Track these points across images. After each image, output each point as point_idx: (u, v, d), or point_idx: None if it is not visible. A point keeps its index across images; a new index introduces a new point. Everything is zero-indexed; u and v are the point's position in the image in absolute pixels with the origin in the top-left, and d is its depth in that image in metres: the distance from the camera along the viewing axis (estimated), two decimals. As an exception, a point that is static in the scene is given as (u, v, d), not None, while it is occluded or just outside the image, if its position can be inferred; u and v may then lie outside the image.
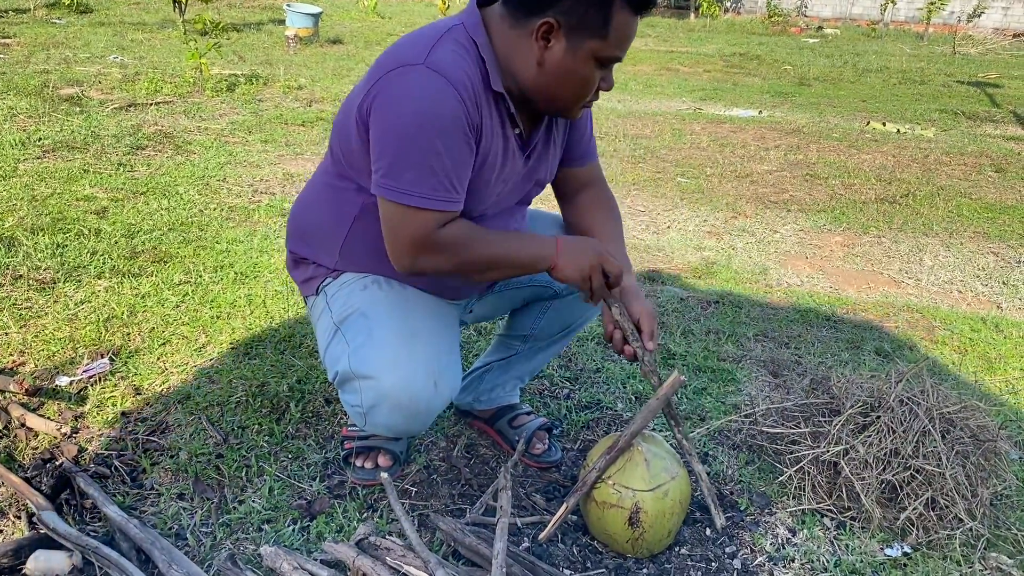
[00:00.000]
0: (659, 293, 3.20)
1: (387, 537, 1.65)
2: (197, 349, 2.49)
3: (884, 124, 7.67)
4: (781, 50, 15.77)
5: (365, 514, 1.82)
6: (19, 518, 1.79)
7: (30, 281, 2.86)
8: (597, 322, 2.69)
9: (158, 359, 2.43)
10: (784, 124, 7.54)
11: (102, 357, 2.40)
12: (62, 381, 2.27)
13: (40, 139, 4.93)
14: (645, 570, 1.71)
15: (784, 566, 1.74)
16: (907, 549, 1.79)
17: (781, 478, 1.96)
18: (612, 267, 1.60)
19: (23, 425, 2.08)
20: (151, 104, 6.31)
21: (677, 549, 1.78)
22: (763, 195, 4.98)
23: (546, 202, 2.91)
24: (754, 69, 12.36)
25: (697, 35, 18.73)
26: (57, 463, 1.93)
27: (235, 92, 7.14)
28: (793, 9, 27.13)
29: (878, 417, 1.92)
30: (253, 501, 1.84)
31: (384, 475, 1.77)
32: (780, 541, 1.81)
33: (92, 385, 2.26)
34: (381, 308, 1.67)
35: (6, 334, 2.51)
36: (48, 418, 2.11)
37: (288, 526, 1.77)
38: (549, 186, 1.85)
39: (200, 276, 3.03)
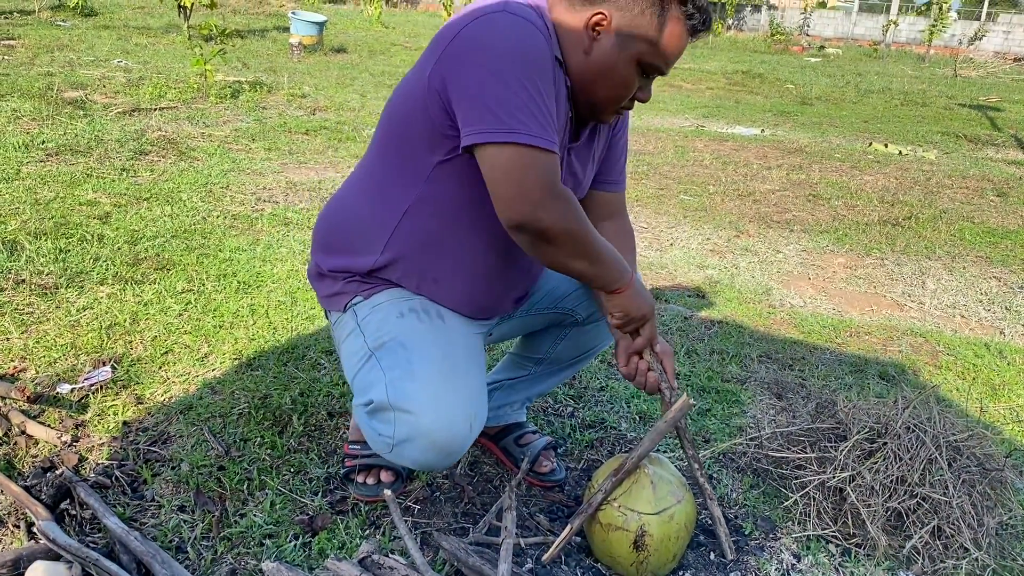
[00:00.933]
0: (662, 311, 3.19)
1: (390, 556, 1.64)
2: (199, 359, 2.48)
3: (886, 145, 7.70)
4: (783, 68, 15.85)
5: (368, 531, 1.81)
6: (18, 527, 1.77)
7: (32, 286, 2.84)
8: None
9: (160, 368, 2.41)
10: (786, 143, 7.56)
11: (104, 365, 2.39)
12: (63, 389, 2.26)
13: (44, 142, 4.93)
14: (649, 594, 1.70)
15: (789, 593, 1.73)
16: (913, 578, 1.77)
17: (786, 503, 1.95)
18: (654, 333, 1.68)
19: (23, 432, 2.07)
20: (155, 109, 6.31)
21: (681, 573, 1.76)
22: (766, 214, 4.99)
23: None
24: (756, 87, 12.41)
25: (700, 52, 18.81)
26: (57, 472, 1.91)
27: (239, 99, 7.15)
28: (795, 28, 27.31)
29: (884, 444, 1.91)
30: (255, 515, 1.83)
31: (388, 492, 1.75)
32: (785, 567, 1.80)
33: (93, 393, 2.25)
34: (420, 340, 1.60)
35: (7, 339, 2.49)
36: (49, 426, 2.09)
37: (289, 541, 1.75)
38: None
39: (203, 285, 3.02)
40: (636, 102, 1.58)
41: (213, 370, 2.42)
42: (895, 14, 26.11)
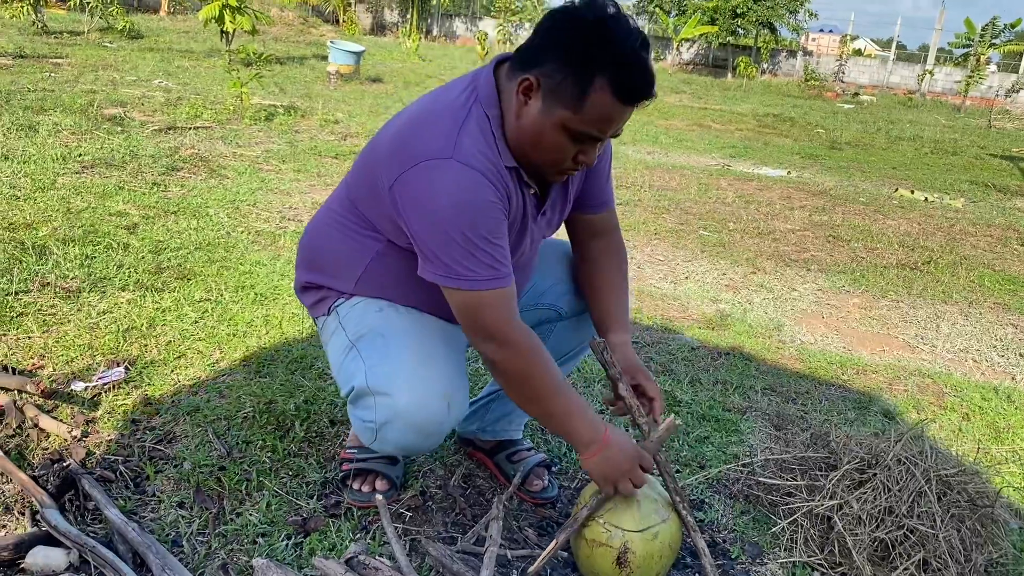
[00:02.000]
0: (670, 341, 3.22)
1: (376, 558, 1.67)
2: (211, 364, 2.55)
3: (912, 192, 7.69)
4: (815, 113, 15.87)
5: (358, 535, 1.85)
6: (23, 515, 1.83)
7: (56, 289, 2.94)
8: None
9: (172, 371, 2.48)
10: (812, 185, 7.57)
11: (118, 366, 2.46)
12: (77, 386, 2.33)
13: (80, 155, 5.09)
14: (630, 610, 1.71)
15: (770, 617, 1.74)
16: (896, 609, 1.77)
17: (774, 529, 1.96)
18: (638, 479, 1.65)
19: (36, 426, 2.14)
20: (190, 128, 6.48)
21: (665, 593, 1.78)
22: (784, 253, 5.00)
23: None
24: (787, 130, 12.44)
25: (732, 94, 18.90)
26: (64, 464, 1.98)
27: (273, 122, 7.31)
28: (830, 74, 27.37)
29: (874, 474, 1.92)
30: (250, 514, 1.87)
31: (379, 497, 1.80)
32: (769, 592, 1.81)
33: (106, 392, 2.32)
34: (397, 329, 1.71)
35: (29, 338, 2.58)
36: (60, 420, 2.16)
37: (282, 541, 1.80)
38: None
39: (221, 295, 3.10)
40: (582, 166, 1.56)
41: (223, 375, 2.48)
42: (931, 64, 26.09)
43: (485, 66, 1.61)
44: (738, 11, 27.74)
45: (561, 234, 1.94)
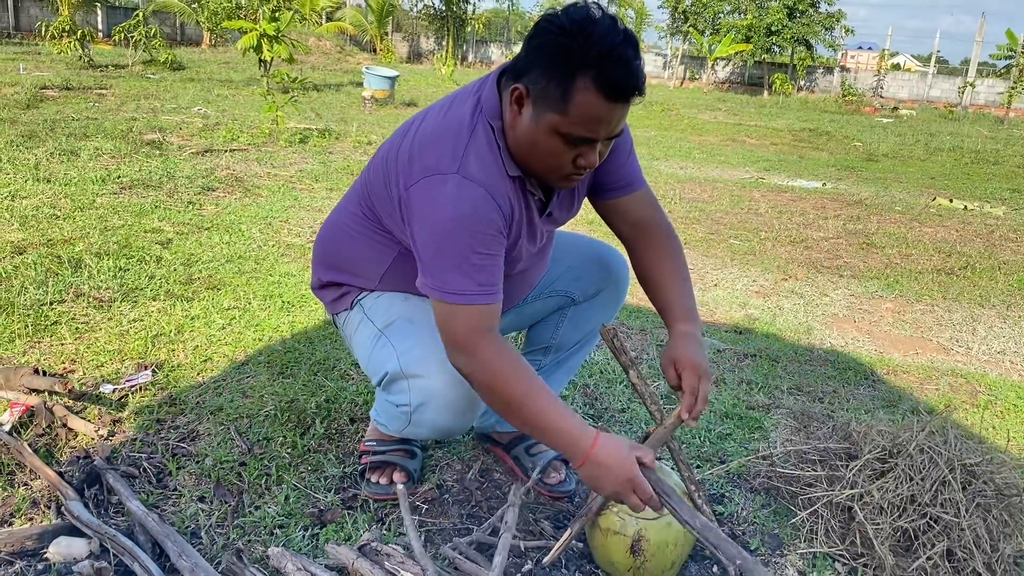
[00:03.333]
0: (695, 344, 3.19)
1: (389, 545, 1.68)
2: (235, 367, 2.59)
3: (951, 200, 7.56)
4: (852, 127, 15.70)
5: (374, 526, 1.86)
6: (49, 508, 1.87)
7: (90, 299, 3.02)
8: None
9: (198, 374, 2.53)
10: (847, 196, 7.49)
11: (146, 369, 2.51)
12: (106, 388, 2.39)
13: (119, 177, 5.22)
14: (645, 599, 1.70)
15: (789, 606, 1.71)
16: (920, 599, 1.73)
17: (794, 520, 1.93)
18: (643, 493, 1.54)
19: (64, 425, 2.19)
20: (226, 151, 6.62)
21: (682, 583, 1.76)
22: (816, 260, 4.95)
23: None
24: (823, 144, 12.32)
25: (768, 111, 18.79)
26: (90, 461, 2.02)
27: (307, 144, 7.44)
28: (868, 90, 27.08)
29: (896, 464, 1.88)
30: (269, 507, 1.90)
31: (400, 486, 1.82)
32: (788, 583, 1.78)
33: (133, 394, 2.37)
34: (426, 315, 1.72)
35: (62, 344, 2.65)
36: (88, 420, 2.21)
37: (299, 532, 1.82)
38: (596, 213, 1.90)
39: (249, 303, 3.16)
40: (584, 170, 1.54)
41: (247, 377, 2.52)
42: (972, 76, 25.68)
43: (489, 74, 1.63)
44: (773, 28, 27.62)
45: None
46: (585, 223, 4.83)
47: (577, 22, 1.41)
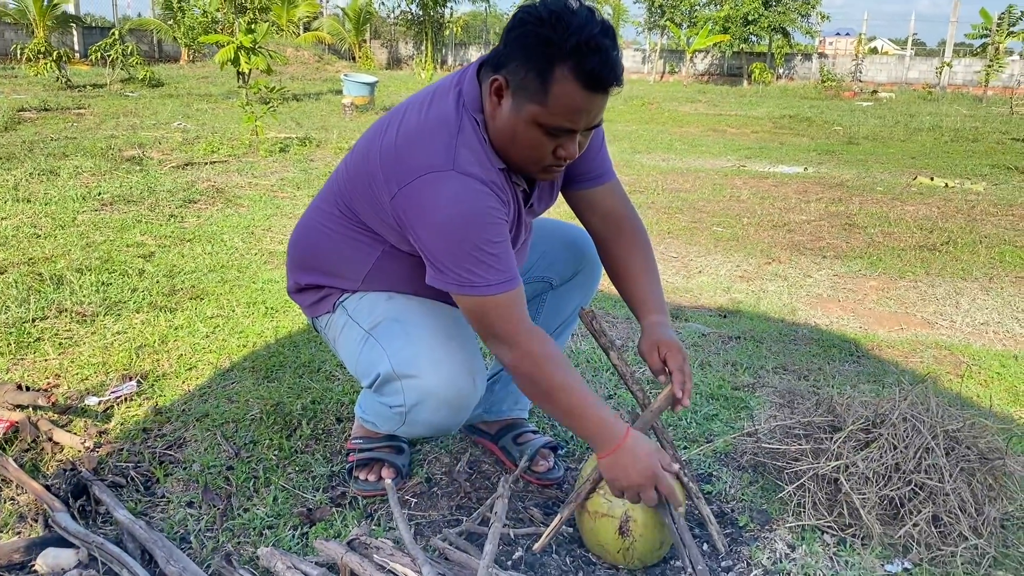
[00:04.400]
0: (679, 329, 3.20)
1: (379, 539, 1.68)
2: (221, 373, 2.59)
3: (932, 179, 7.60)
4: (832, 112, 15.77)
5: (363, 523, 1.86)
6: (36, 521, 1.87)
7: (72, 314, 3.01)
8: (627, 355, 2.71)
9: (183, 382, 2.52)
10: (828, 179, 7.52)
11: (130, 380, 2.51)
12: (91, 401, 2.38)
13: (100, 194, 5.21)
14: (636, 580, 1.71)
15: (779, 579, 1.72)
16: (908, 566, 1.74)
17: (781, 494, 1.94)
18: (664, 487, 1.59)
19: (50, 439, 2.18)
20: (207, 163, 6.61)
21: (672, 562, 1.77)
22: (799, 242, 4.97)
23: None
24: (803, 130, 12.38)
25: (748, 100, 18.84)
26: (77, 473, 2.01)
27: (288, 153, 7.43)
28: (847, 74, 27.20)
29: (880, 434, 1.90)
30: (257, 509, 1.89)
31: (388, 481, 1.81)
32: (778, 556, 1.79)
33: (118, 405, 2.36)
34: (411, 313, 1.74)
35: (45, 360, 2.64)
36: (74, 433, 2.21)
37: (288, 531, 1.82)
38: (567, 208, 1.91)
39: (232, 310, 3.15)
40: (564, 161, 1.56)
41: (232, 382, 2.52)
42: (949, 56, 25.83)
43: (468, 67, 1.63)
44: (749, 18, 27.72)
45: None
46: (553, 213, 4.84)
47: (555, 12, 1.42)
